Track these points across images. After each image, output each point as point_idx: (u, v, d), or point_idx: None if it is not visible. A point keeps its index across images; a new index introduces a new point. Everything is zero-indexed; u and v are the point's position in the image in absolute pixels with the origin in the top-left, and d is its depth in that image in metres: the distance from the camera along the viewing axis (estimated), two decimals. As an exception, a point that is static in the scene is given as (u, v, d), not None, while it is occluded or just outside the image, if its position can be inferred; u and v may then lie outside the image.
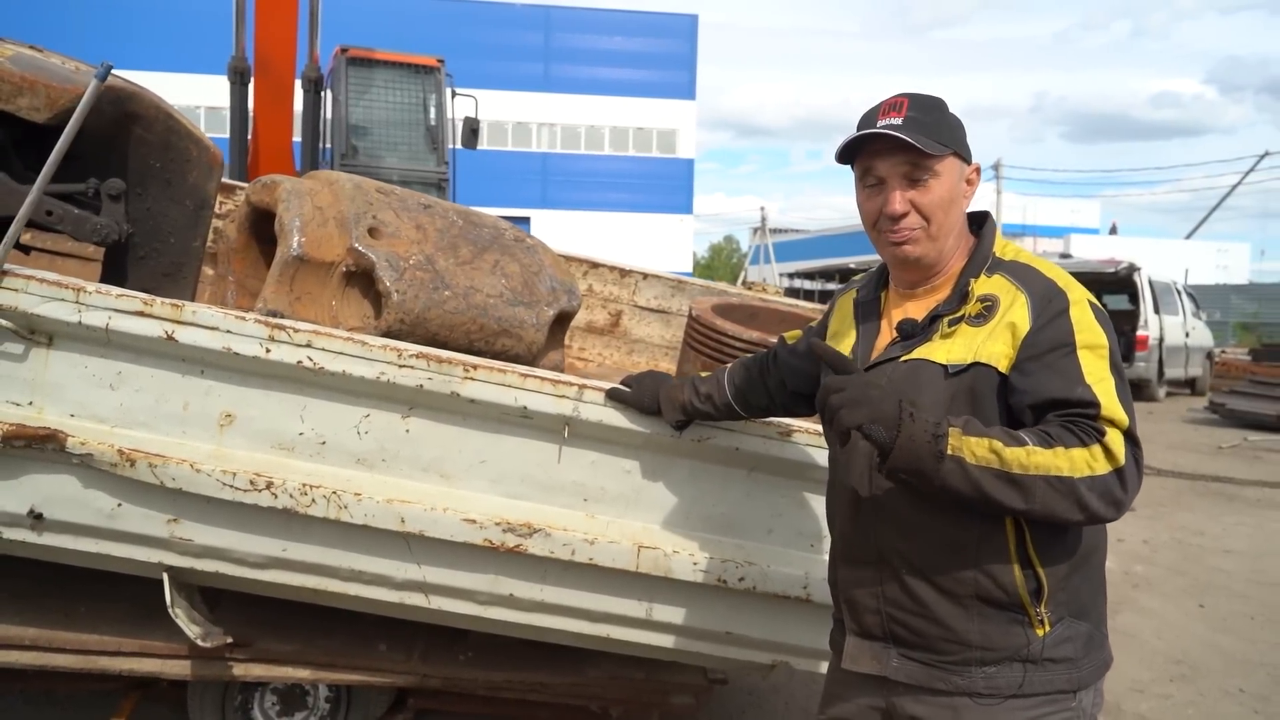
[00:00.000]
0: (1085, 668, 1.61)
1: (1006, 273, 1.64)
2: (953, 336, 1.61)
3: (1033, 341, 1.53)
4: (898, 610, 1.66)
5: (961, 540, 1.58)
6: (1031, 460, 1.43)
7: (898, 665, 1.66)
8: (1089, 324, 1.54)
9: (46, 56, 2.87)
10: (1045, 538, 1.57)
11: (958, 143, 1.66)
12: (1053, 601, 1.58)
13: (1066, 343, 1.52)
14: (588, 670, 2.99)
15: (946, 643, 1.61)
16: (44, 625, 2.75)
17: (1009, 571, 1.57)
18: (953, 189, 1.66)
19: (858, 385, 1.51)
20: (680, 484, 2.41)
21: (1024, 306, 1.56)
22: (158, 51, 31.61)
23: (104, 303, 2.15)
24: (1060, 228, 54.21)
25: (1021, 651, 1.57)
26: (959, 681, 1.60)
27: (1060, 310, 1.55)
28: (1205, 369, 17.18)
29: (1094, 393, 1.48)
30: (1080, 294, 1.59)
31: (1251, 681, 4.14)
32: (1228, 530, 6.90)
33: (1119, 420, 1.47)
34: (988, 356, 1.56)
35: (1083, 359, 1.51)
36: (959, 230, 1.71)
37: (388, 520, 2.28)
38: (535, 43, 37.59)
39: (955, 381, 1.58)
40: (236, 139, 9.04)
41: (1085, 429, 1.46)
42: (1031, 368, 1.52)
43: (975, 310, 1.61)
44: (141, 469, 2.20)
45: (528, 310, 2.94)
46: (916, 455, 1.45)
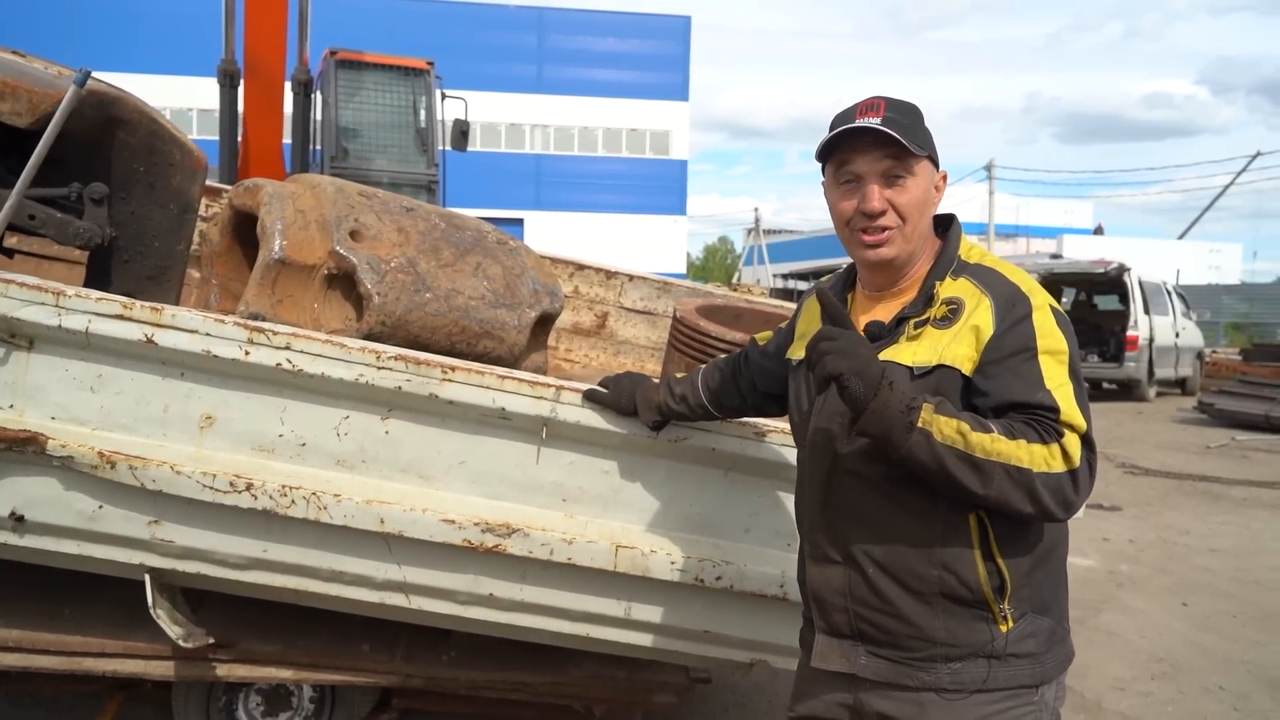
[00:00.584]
0: (1048, 662, 1.64)
1: (971, 276, 1.67)
2: (918, 339, 1.64)
3: (995, 345, 1.57)
4: (865, 609, 1.68)
5: (926, 538, 1.61)
6: (995, 447, 1.48)
7: (866, 663, 1.69)
8: (1050, 329, 1.58)
9: (29, 61, 2.89)
10: (1008, 534, 1.60)
11: (931, 147, 1.70)
12: (1016, 598, 1.61)
13: (1028, 347, 1.56)
14: (570, 669, 3.00)
15: (913, 640, 1.63)
16: (28, 627, 2.76)
17: (973, 568, 1.59)
18: (926, 191, 1.69)
19: (850, 339, 1.57)
20: (658, 484, 2.43)
21: (988, 310, 1.60)
22: (151, 54, 31.59)
23: (84, 306, 2.16)
24: (1054, 228, 54.36)
25: (985, 647, 1.60)
26: (925, 677, 1.63)
27: (1023, 315, 1.58)
28: (1196, 369, 17.25)
29: (1054, 398, 1.52)
30: (1042, 299, 1.62)
31: (1232, 679, 4.18)
32: (1213, 529, 6.95)
33: (1077, 425, 1.51)
34: (952, 359, 1.59)
35: (1043, 364, 1.55)
36: (927, 234, 1.74)
37: (367, 521, 2.30)
38: (529, 44, 37.64)
39: (921, 383, 1.60)
40: (226, 141, 9.05)
41: (1046, 428, 1.50)
42: (994, 371, 1.56)
43: (941, 313, 1.63)
44: (122, 471, 2.22)
45: (510, 312, 2.97)
46: (888, 421, 1.51)
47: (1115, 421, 12.94)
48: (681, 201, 39.47)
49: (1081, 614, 4.98)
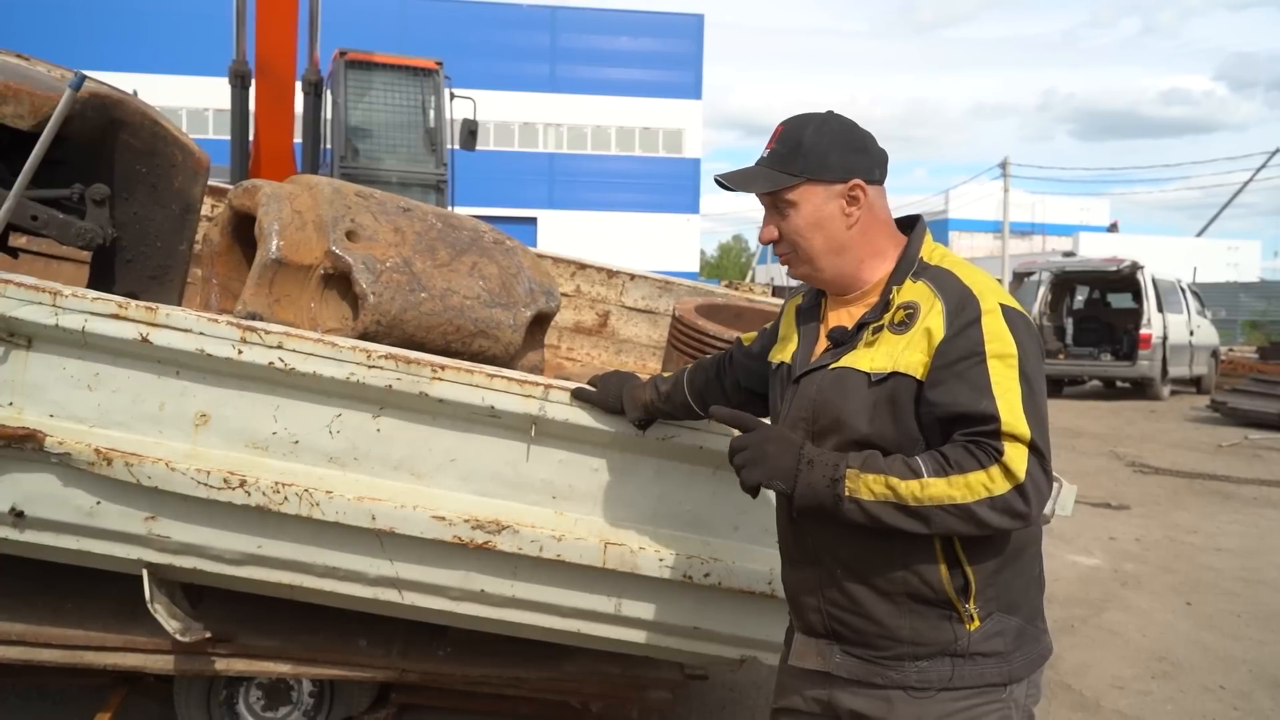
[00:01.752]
0: (1016, 661, 1.64)
1: (929, 279, 1.67)
2: (875, 345, 1.65)
3: (944, 350, 1.57)
4: (836, 609, 1.71)
5: (888, 543, 1.62)
6: (926, 492, 1.51)
7: (840, 661, 1.71)
8: (998, 332, 1.57)
9: (32, 64, 2.94)
10: (972, 537, 1.60)
11: (817, 167, 1.69)
12: (981, 598, 1.62)
13: (976, 352, 1.56)
14: (564, 665, 3.03)
15: (881, 639, 1.66)
16: (31, 621, 2.81)
17: (935, 571, 1.61)
18: (813, 214, 1.71)
19: (756, 443, 1.65)
20: (647, 482, 2.46)
21: (939, 315, 1.60)
22: (171, 55, 31.83)
23: (80, 306, 2.20)
24: (1070, 226, 54.15)
25: (950, 646, 1.62)
26: (893, 675, 1.65)
27: (972, 319, 1.58)
28: (1211, 367, 17.13)
29: (996, 406, 1.51)
30: (993, 302, 1.61)
31: (1233, 678, 4.17)
32: (1221, 528, 6.91)
33: (1019, 434, 1.50)
34: (905, 365, 1.60)
35: (991, 368, 1.54)
36: (860, 245, 1.73)
37: (358, 517, 2.33)
38: (541, 43, 37.70)
39: (878, 390, 1.62)
40: (238, 141, 9.13)
41: (985, 450, 1.50)
42: (942, 376, 1.56)
43: (898, 318, 1.65)
44: (118, 468, 2.26)
45: (505, 311, 2.99)
46: (817, 499, 1.58)
47: (1127, 420, 12.88)
48: (694, 200, 39.45)
49: (1084, 613, 4.98)
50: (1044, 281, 16.26)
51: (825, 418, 1.68)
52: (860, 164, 1.72)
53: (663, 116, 38.92)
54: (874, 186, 1.74)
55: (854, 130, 1.75)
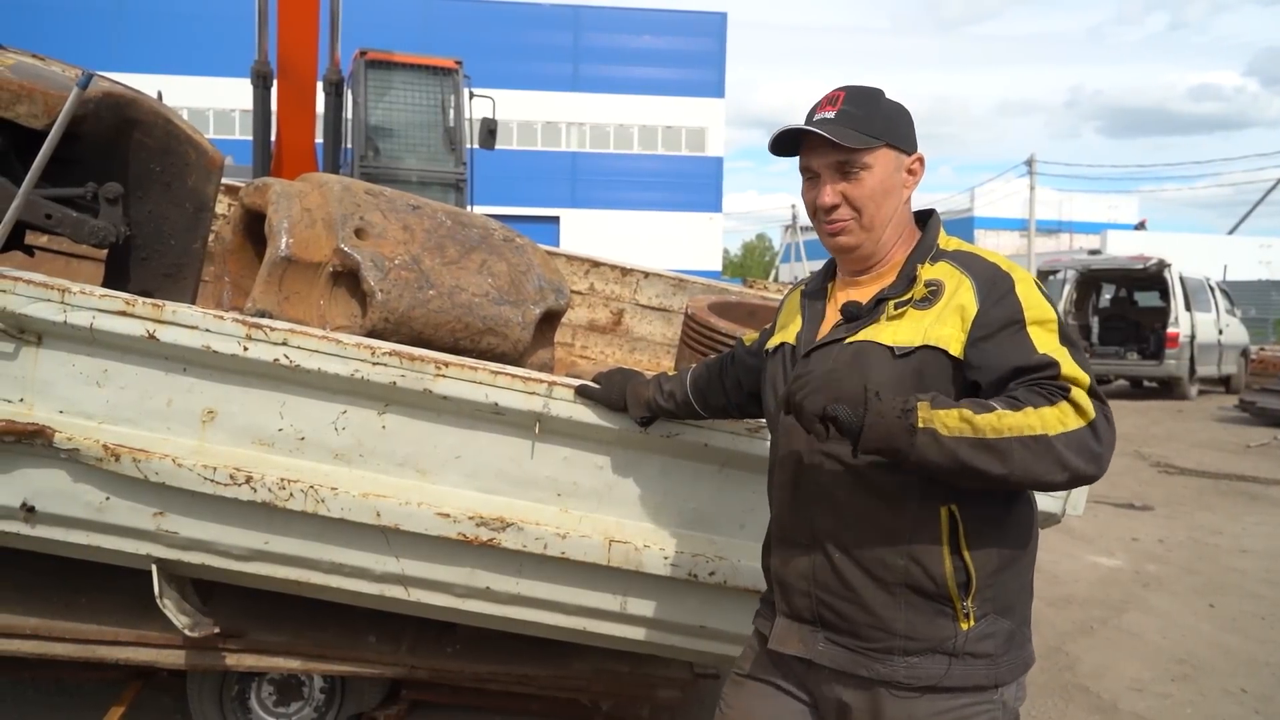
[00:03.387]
0: (1004, 665, 1.62)
1: (951, 260, 1.67)
2: (899, 319, 1.63)
3: (983, 321, 1.56)
4: (827, 594, 1.67)
5: (896, 527, 1.60)
6: (1004, 423, 1.43)
7: (823, 649, 1.68)
8: (1036, 301, 1.57)
9: (47, 64, 2.96)
10: (979, 530, 1.59)
11: (893, 133, 1.70)
12: (980, 596, 1.60)
13: (1017, 319, 1.55)
14: (573, 663, 3.03)
15: (872, 629, 1.63)
16: (45, 615, 2.84)
17: (940, 562, 1.59)
18: (885, 180, 1.69)
19: (815, 374, 1.54)
20: (652, 479, 2.45)
21: (970, 290, 1.60)
22: (196, 57, 32.16)
23: (88, 303, 2.22)
24: (1097, 224, 53.55)
25: (945, 644, 1.59)
26: (880, 669, 1.62)
27: (1007, 290, 1.58)
28: (1240, 367, 16.90)
29: (1053, 356, 1.50)
30: (1023, 274, 1.62)
31: (1255, 682, 4.10)
32: (1247, 530, 6.81)
33: (1080, 379, 1.48)
34: (936, 339, 1.58)
35: (1033, 334, 1.54)
36: (899, 221, 1.74)
37: (363, 514, 2.34)
38: (564, 42, 37.75)
39: (903, 363, 1.59)
40: (260, 141, 9.19)
41: (1050, 389, 1.47)
42: (986, 346, 1.55)
43: (921, 294, 1.63)
44: (126, 464, 2.27)
45: (514, 309, 2.99)
46: (889, 432, 1.44)
47: (1153, 420, 12.73)
48: (717, 199, 39.38)
49: (1103, 614, 4.92)
50: (1069, 280, 16.10)
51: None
52: (914, 139, 1.75)
53: (685, 115, 38.86)
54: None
55: (905, 109, 1.77)
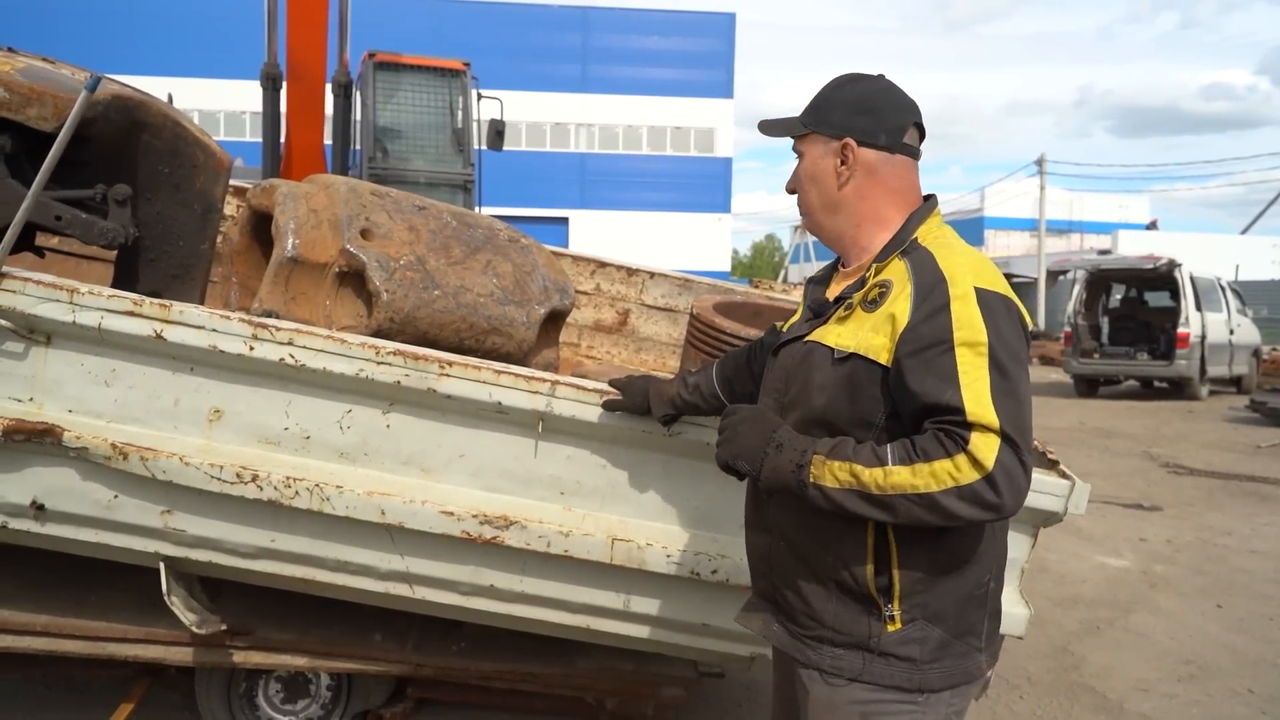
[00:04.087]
0: (931, 672, 1.61)
1: (910, 259, 1.63)
2: (846, 320, 1.65)
3: (910, 337, 1.53)
4: (777, 578, 1.75)
5: (826, 524, 1.63)
6: (889, 480, 1.48)
7: (776, 629, 1.76)
8: (968, 319, 1.51)
9: (57, 68, 2.99)
10: (908, 540, 1.59)
11: (821, 119, 1.73)
12: (907, 602, 1.60)
13: (943, 340, 1.50)
14: (578, 661, 3.05)
15: (806, 618, 1.69)
16: (56, 612, 2.87)
17: (862, 564, 1.61)
18: (811, 166, 1.75)
19: (733, 423, 1.69)
20: (655, 478, 2.46)
21: (906, 299, 1.56)
22: (207, 59, 32.31)
23: (96, 303, 2.25)
24: (1108, 224, 53.33)
25: (866, 641, 1.62)
26: (811, 655, 1.68)
27: (940, 305, 1.53)
28: (1252, 367, 16.83)
29: (962, 397, 1.46)
30: (965, 286, 1.54)
31: (1262, 682, 4.09)
32: (1256, 530, 6.79)
33: (987, 423, 1.44)
34: (866, 348, 1.58)
35: (959, 356, 1.49)
36: (854, 211, 1.72)
37: (368, 512, 2.36)
38: (573, 44, 37.81)
39: (839, 368, 1.61)
40: (269, 143, 9.25)
41: (953, 438, 1.46)
42: (909, 365, 1.52)
43: (871, 295, 1.62)
44: (134, 462, 2.30)
45: (518, 309, 3.01)
46: (782, 483, 1.60)
47: (1163, 420, 12.68)
48: (726, 199, 39.37)
49: (1110, 614, 4.91)
50: (1079, 280, 16.06)
51: (792, 390, 1.70)
52: (860, 125, 1.69)
53: (694, 116, 38.87)
54: (874, 150, 1.69)
55: (877, 94, 1.72)
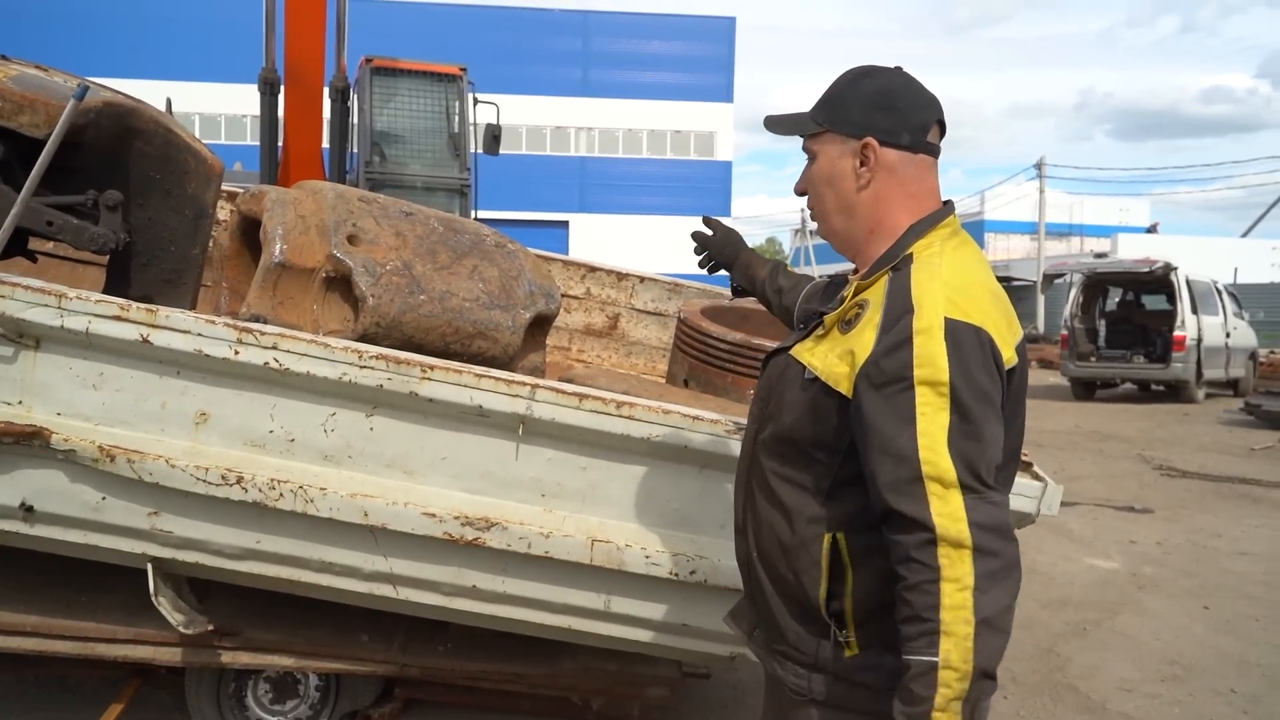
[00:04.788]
0: (889, 702, 1.46)
1: (893, 278, 1.53)
2: (822, 339, 1.58)
3: (871, 371, 1.44)
4: (752, 588, 1.73)
5: (786, 543, 1.59)
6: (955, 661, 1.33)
7: (756, 636, 1.74)
8: (929, 356, 1.40)
9: (50, 75, 3.04)
10: (868, 566, 1.51)
11: (836, 118, 1.60)
12: (862, 629, 1.53)
13: (904, 376, 1.41)
14: (563, 662, 3.08)
15: (771, 629, 1.66)
16: (46, 613, 2.90)
17: (816, 586, 1.55)
18: (827, 167, 1.62)
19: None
20: (634, 480, 2.50)
21: (874, 329, 1.47)
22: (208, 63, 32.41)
23: (83, 308, 2.28)
24: (1109, 227, 53.36)
25: (826, 664, 1.57)
26: (778, 670, 1.64)
27: (903, 339, 1.43)
28: (1248, 370, 16.85)
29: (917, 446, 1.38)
30: (934, 318, 1.43)
31: (1244, 682, 4.12)
32: (1247, 532, 6.81)
33: (944, 476, 1.36)
34: (829, 376, 1.51)
35: (919, 396, 1.40)
36: (867, 216, 1.61)
37: (351, 514, 2.40)
38: (574, 48, 37.91)
39: (805, 389, 1.56)
40: (267, 147, 9.29)
41: (924, 577, 1.35)
42: (869, 399, 1.44)
43: (849, 315, 1.55)
44: (120, 464, 2.34)
45: (504, 313, 3.05)
46: None
47: (1158, 423, 12.71)
48: (726, 203, 39.40)
49: (1097, 615, 4.95)
50: (1075, 283, 16.09)
51: (773, 404, 1.64)
52: (882, 123, 1.57)
53: (694, 120, 38.95)
54: (897, 150, 1.58)
55: (897, 89, 1.60)
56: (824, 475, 1.55)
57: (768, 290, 2.22)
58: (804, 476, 1.57)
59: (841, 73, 1.66)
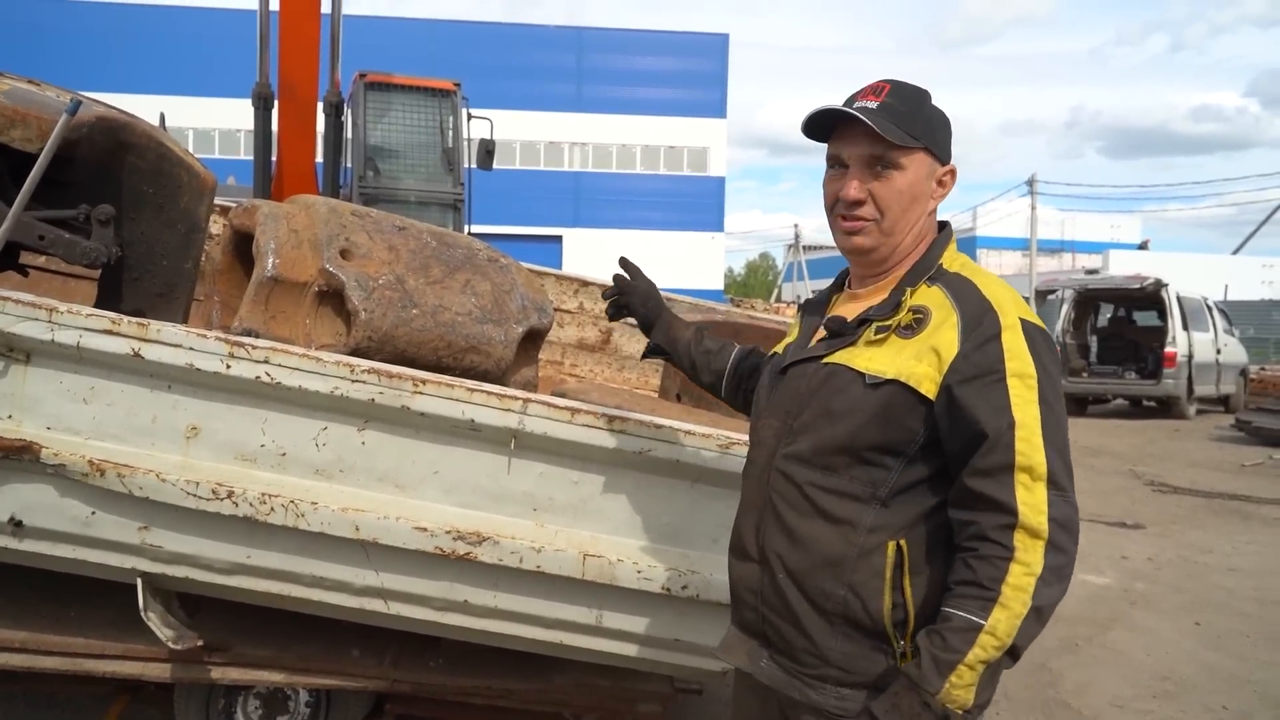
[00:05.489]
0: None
1: (945, 285, 1.60)
2: (879, 345, 1.58)
3: (960, 366, 1.50)
4: (771, 613, 1.66)
5: (840, 556, 1.56)
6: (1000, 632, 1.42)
7: (765, 666, 1.68)
8: (1018, 350, 1.49)
9: (43, 90, 3.04)
10: (926, 571, 1.55)
11: (931, 137, 1.63)
12: (917, 635, 1.53)
13: (995, 369, 1.48)
14: (554, 678, 3.07)
15: (807, 655, 1.61)
16: (35, 629, 2.88)
17: (879, 597, 1.54)
18: (915, 185, 1.63)
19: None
20: (626, 494, 2.50)
21: (954, 329, 1.52)
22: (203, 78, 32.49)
23: (74, 322, 2.28)
24: (1100, 244, 53.64)
25: (880, 681, 1.55)
26: (812, 695, 1.59)
27: (991, 335, 1.50)
28: (1239, 386, 16.92)
29: (1014, 492, 1.43)
30: (1013, 317, 1.52)
31: (1236, 699, 4.13)
32: (1237, 548, 6.83)
33: (1036, 468, 1.44)
34: (909, 376, 1.53)
35: (1011, 387, 1.47)
36: (919, 232, 1.67)
37: (342, 528, 2.39)
38: (568, 64, 38.07)
39: (871, 394, 1.55)
40: (260, 162, 9.30)
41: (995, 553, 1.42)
42: (962, 393, 1.49)
43: (906, 321, 1.57)
44: (111, 478, 2.33)
45: (496, 328, 3.05)
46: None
47: (1149, 439, 12.74)
48: (719, 218, 39.55)
49: (1089, 631, 4.95)
50: (1066, 299, 16.16)
51: (809, 414, 1.62)
52: (949, 149, 1.67)
53: (688, 135, 39.11)
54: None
55: (944, 116, 1.69)
56: (884, 482, 1.56)
57: (694, 352, 2.20)
58: (857, 486, 1.57)
59: (898, 84, 1.65)
